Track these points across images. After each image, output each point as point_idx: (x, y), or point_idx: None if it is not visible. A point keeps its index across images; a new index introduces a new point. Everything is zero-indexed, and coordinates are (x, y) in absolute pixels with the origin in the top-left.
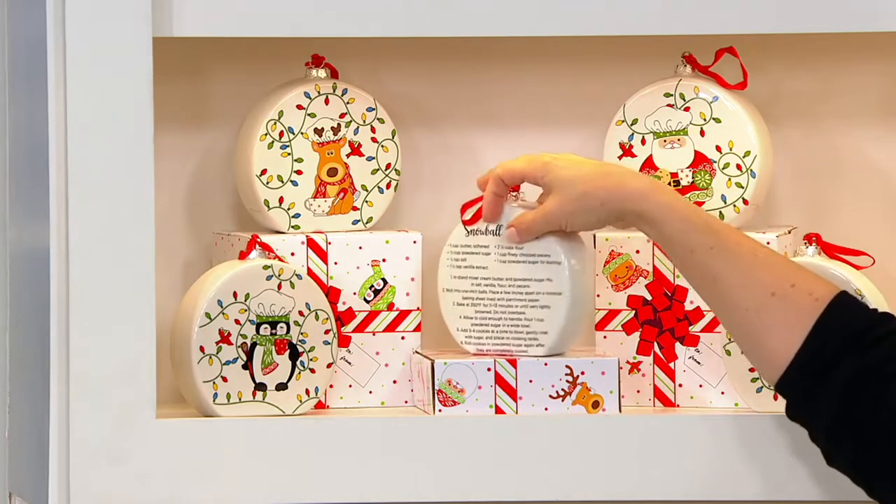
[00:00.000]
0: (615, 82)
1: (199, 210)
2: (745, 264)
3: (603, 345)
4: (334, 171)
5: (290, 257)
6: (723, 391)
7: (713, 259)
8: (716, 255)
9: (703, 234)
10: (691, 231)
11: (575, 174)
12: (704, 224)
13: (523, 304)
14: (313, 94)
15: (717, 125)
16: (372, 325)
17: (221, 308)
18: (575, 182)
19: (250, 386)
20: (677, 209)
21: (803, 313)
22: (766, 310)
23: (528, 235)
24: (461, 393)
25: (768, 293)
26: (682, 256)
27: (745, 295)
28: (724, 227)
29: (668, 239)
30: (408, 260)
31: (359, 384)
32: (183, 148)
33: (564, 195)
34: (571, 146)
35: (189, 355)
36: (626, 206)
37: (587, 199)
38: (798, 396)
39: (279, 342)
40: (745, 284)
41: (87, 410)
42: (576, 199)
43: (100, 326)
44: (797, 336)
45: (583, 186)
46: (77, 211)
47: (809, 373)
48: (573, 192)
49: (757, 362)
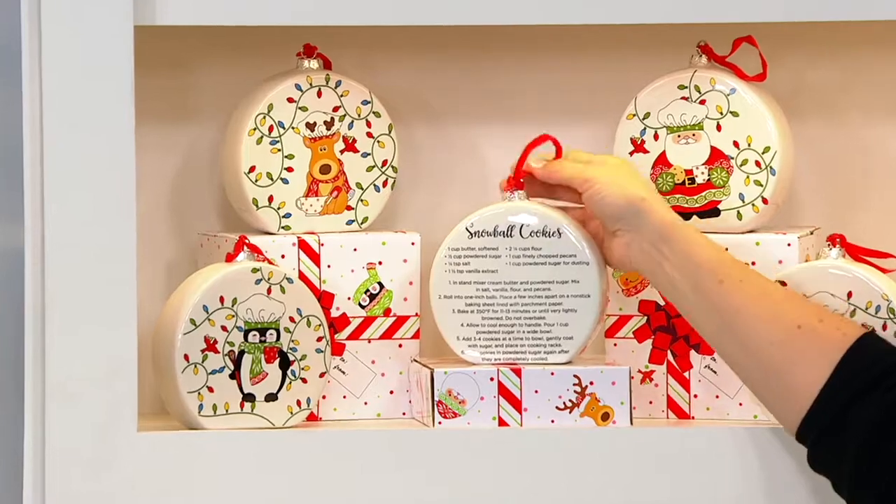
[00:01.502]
0: (626, 74)
1: (184, 210)
2: (773, 298)
3: (613, 353)
4: (327, 168)
5: (281, 260)
6: (741, 402)
7: (740, 291)
8: (745, 288)
9: (733, 267)
10: (723, 262)
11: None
12: (733, 260)
13: (543, 308)
14: (305, 86)
15: (734, 119)
16: (367, 332)
17: (207, 314)
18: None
19: (238, 397)
20: (706, 239)
21: (830, 347)
22: (792, 342)
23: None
24: (462, 404)
25: (794, 326)
26: (706, 286)
27: (770, 328)
28: (752, 268)
29: (695, 264)
30: (405, 262)
31: (353, 395)
32: (166, 144)
33: (611, 176)
34: (580, 141)
35: (172, 364)
36: (657, 221)
37: (626, 193)
38: (821, 439)
39: (269, 350)
40: (770, 317)
41: (63, 422)
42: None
43: (77, 333)
44: (823, 370)
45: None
46: (54, 210)
47: (836, 406)
48: (620, 179)
49: (776, 404)
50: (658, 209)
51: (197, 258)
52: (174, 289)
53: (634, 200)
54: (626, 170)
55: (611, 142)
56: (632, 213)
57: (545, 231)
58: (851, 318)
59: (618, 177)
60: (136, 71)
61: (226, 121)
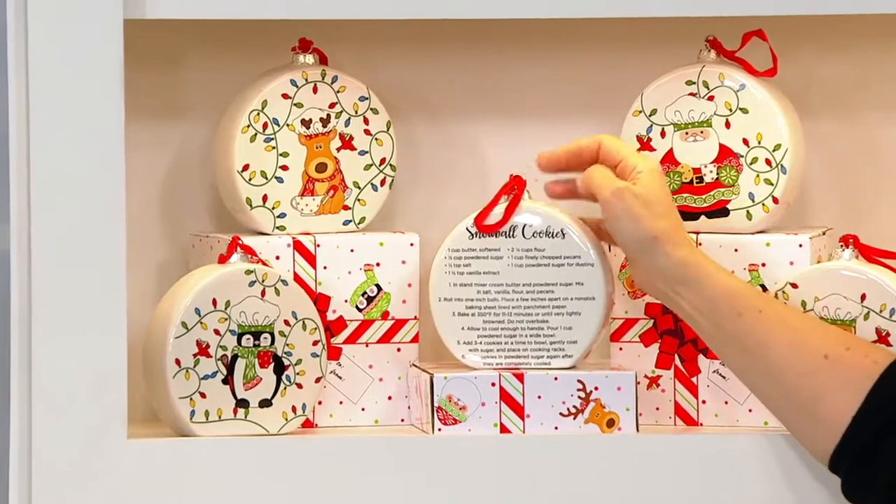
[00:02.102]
0: (632, 69)
1: (175, 210)
2: (797, 328)
3: (619, 357)
4: (323, 166)
5: (275, 261)
6: (751, 408)
7: (762, 323)
8: (765, 319)
9: (750, 297)
10: (739, 294)
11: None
12: (752, 291)
13: (546, 311)
14: (300, 81)
15: (744, 116)
16: (365, 336)
17: (199, 317)
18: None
19: (231, 402)
20: (723, 273)
21: (860, 374)
22: (819, 373)
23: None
24: (463, 410)
25: (821, 356)
26: (726, 322)
27: (797, 360)
28: (771, 296)
29: (711, 301)
30: (404, 264)
31: (350, 400)
32: (157, 141)
33: (643, 196)
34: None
35: (163, 369)
36: (672, 254)
37: (647, 222)
38: (855, 468)
39: (263, 354)
40: (796, 348)
41: (50, 429)
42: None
43: (65, 337)
44: (854, 399)
45: (658, 212)
46: (40, 210)
47: (869, 433)
48: (651, 204)
49: (806, 435)
50: (670, 249)
51: (188, 259)
52: (165, 291)
53: (646, 240)
54: (652, 191)
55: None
56: (644, 252)
57: (549, 232)
58: (865, 321)
59: (635, 205)
60: (126, 66)
61: (218, 118)
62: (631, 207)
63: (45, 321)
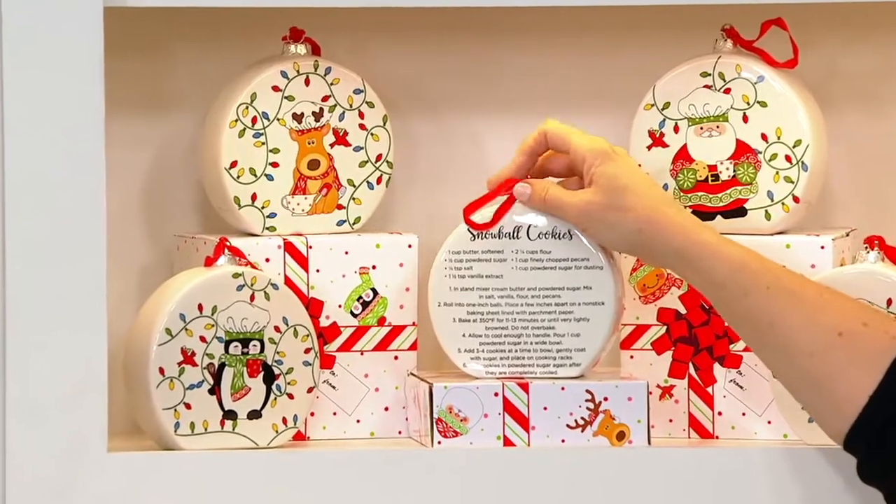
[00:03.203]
0: (644, 59)
1: (159, 209)
2: (809, 305)
3: (629, 366)
4: (316, 163)
5: (265, 264)
6: (769, 420)
7: (770, 301)
8: (774, 297)
9: (758, 273)
10: (743, 271)
11: (628, 184)
12: (758, 263)
13: (552, 317)
14: (291, 73)
15: (762, 110)
16: (360, 343)
17: (184, 323)
18: (625, 195)
19: (218, 414)
20: (724, 247)
21: (877, 352)
22: (833, 351)
23: (538, 204)
24: (464, 422)
25: (835, 333)
26: (733, 301)
27: (808, 338)
28: (781, 267)
29: (714, 282)
30: (402, 267)
31: (344, 412)
32: (140, 137)
33: (607, 202)
34: (592, 134)
35: (146, 378)
36: (666, 242)
37: (626, 221)
38: (872, 448)
39: (252, 363)
40: (807, 327)
41: (26, 442)
42: (617, 212)
43: (42, 344)
44: (870, 377)
45: (628, 205)
46: (15, 210)
47: (887, 412)
48: (618, 204)
49: (821, 415)
50: (661, 236)
51: (173, 262)
52: (148, 296)
53: (631, 239)
54: (614, 184)
55: (626, 134)
56: (637, 247)
57: (555, 233)
58: None
59: (604, 215)
60: (107, 57)
61: (205, 111)
62: (601, 219)
63: (21, 328)
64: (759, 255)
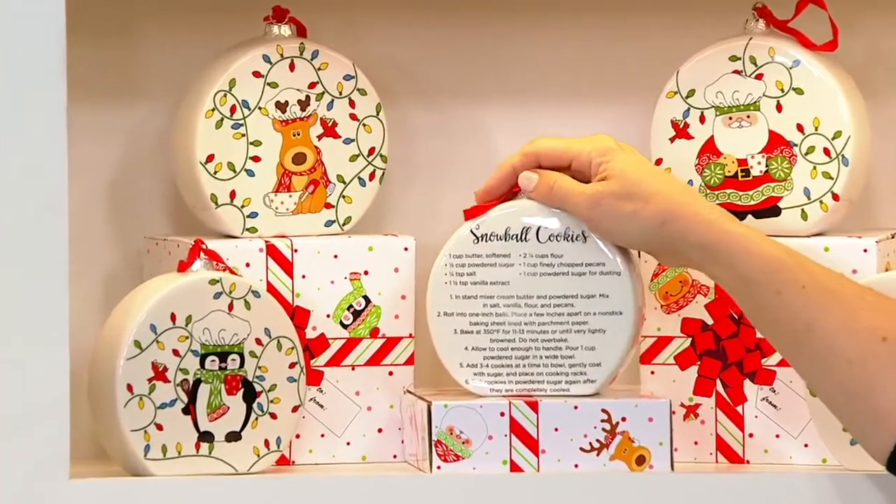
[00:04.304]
0: (666, 42)
1: (126, 208)
2: (849, 307)
3: (650, 382)
4: (302, 157)
5: (245, 269)
6: (806, 443)
7: (806, 301)
8: (809, 296)
9: (793, 270)
10: (776, 267)
11: (643, 175)
12: (793, 260)
13: (565, 328)
14: (274, 57)
15: (798, 98)
16: (351, 357)
17: (155, 335)
18: (641, 185)
19: (192, 436)
20: (756, 240)
21: None
22: (875, 358)
23: (544, 195)
24: (466, 445)
25: (877, 338)
26: (764, 301)
27: (848, 343)
28: (818, 265)
29: (744, 279)
30: (397, 272)
31: (333, 433)
32: (105, 128)
33: (622, 191)
34: (608, 125)
35: (113, 396)
36: (690, 236)
37: (646, 213)
38: None
39: (230, 379)
40: (847, 329)
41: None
42: (634, 202)
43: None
44: None
45: (647, 194)
46: None
47: None
48: (635, 193)
49: (862, 431)
50: (684, 229)
51: (142, 267)
52: (114, 305)
53: (653, 232)
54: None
55: (646, 125)
56: (658, 243)
57: (567, 234)
58: None
59: (619, 206)
60: (69, 40)
61: (178, 100)
62: (616, 211)
63: None
64: (794, 250)
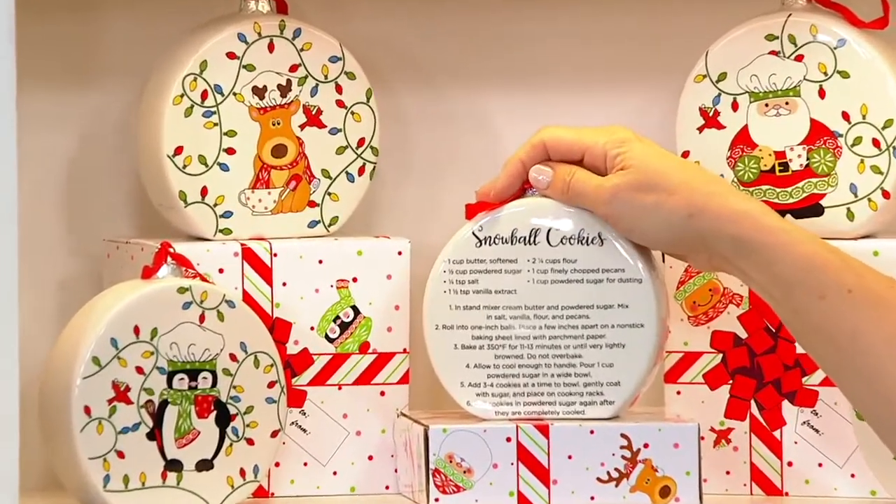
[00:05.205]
0: (694, 19)
1: (85, 206)
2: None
3: (676, 404)
4: (282, 149)
5: (218, 275)
6: (853, 473)
7: (852, 307)
8: (856, 302)
9: (837, 272)
10: (820, 268)
11: (666, 164)
12: (839, 260)
13: (579, 342)
14: (251, 36)
15: (843, 82)
16: (337, 375)
17: (116, 350)
18: (665, 175)
19: (159, 464)
20: (796, 237)
21: None
22: None
23: (560, 192)
24: (468, 474)
25: None
26: (803, 305)
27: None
28: (867, 267)
29: (782, 280)
30: (389, 279)
31: (318, 461)
32: (61, 115)
33: (643, 182)
34: (627, 114)
35: (68, 420)
36: (724, 228)
37: (669, 205)
38: None
39: (201, 400)
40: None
41: None
42: (657, 194)
43: None
44: None
45: (672, 184)
46: None
47: None
48: (657, 184)
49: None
50: (715, 223)
51: (102, 274)
52: (70, 316)
53: (679, 227)
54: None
55: (672, 113)
56: (686, 240)
57: (581, 237)
58: None
59: (639, 198)
60: (19, 17)
61: (142, 84)
62: (637, 204)
63: None
64: (839, 250)
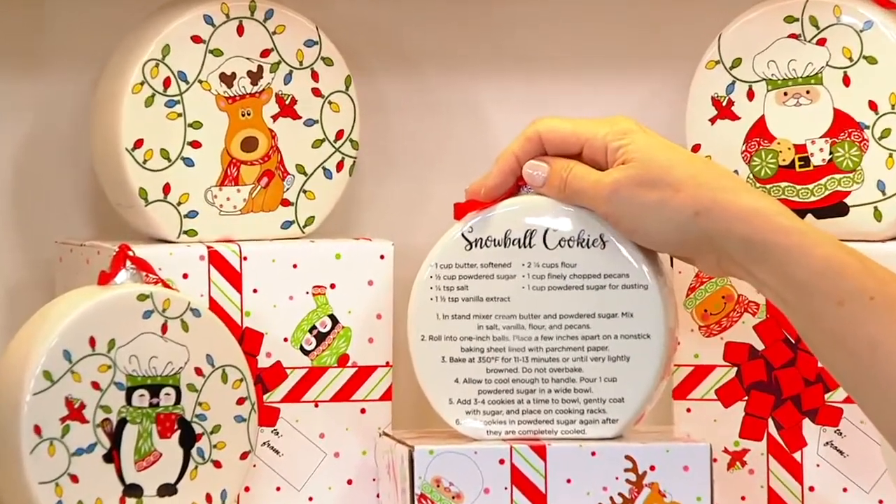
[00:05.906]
0: (705, 0)
1: (35, 205)
2: None
3: (685, 422)
4: (253, 142)
5: (182, 281)
6: (881, 499)
7: (873, 315)
8: (878, 310)
9: (858, 277)
10: (840, 272)
11: (672, 158)
12: (861, 264)
13: (579, 355)
14: (218, 18)
15: (869, 68)
16: (314, 391)
17: (70, 363)
18: (671, 169)
19: (117, 489)
20: (814, 238)
21: None
22: None
23: (557, 188)
24: (457, 500)
25: None
26: (820, 312)
27: None
28: (891, 273)
29: (797, 284)
30: (371, 286)
31: (292, 486)
32: (9, 104)
33: (645, 177)
34: (630, 104)
35: (16, 441)
36: (733, 228)
37: (675, 202)
38: None
39: (163, 419)
40: None
41: None
42: (661, 190)
43: None
44: None
45: (677, 179)
46: None
47: None
48: (661, 178)
49: None
50: (725, 222)
51: (54, 279)
52: (19, 325)
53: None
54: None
55: (681, 103)
56: (692, 240)
57: (581, 239)
58: None
59: (642, 194)
60: None
61: (98, 71)
62: (640, 201)
63: None
64: (859, 253)
